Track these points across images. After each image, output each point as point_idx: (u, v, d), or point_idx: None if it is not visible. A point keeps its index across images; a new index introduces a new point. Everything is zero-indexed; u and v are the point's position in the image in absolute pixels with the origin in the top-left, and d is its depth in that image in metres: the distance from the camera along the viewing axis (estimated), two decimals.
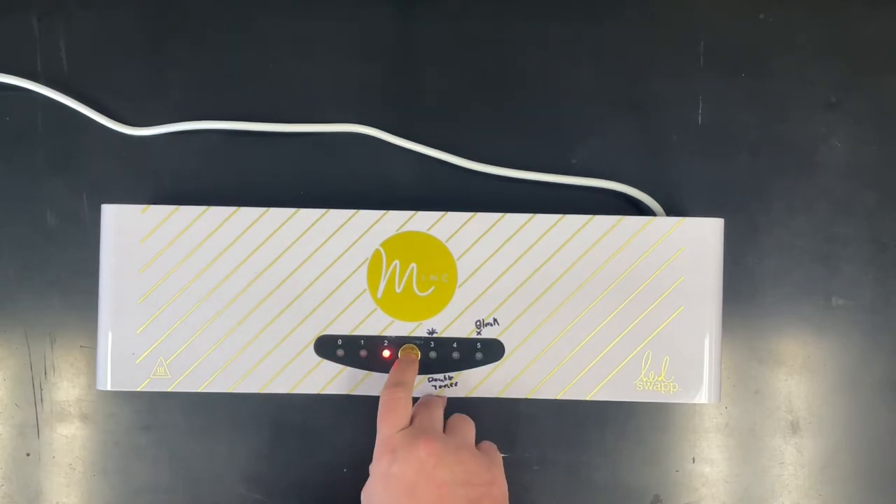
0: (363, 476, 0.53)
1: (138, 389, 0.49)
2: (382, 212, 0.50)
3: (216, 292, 0.49)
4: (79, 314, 0.54)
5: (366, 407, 0.54)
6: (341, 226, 0.50)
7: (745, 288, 0.55)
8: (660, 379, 0.50)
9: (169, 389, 0.49)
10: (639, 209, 0.55)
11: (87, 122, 0.54)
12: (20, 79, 0.54)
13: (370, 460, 0.45)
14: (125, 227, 0.49)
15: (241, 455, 0.54)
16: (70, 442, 0.54)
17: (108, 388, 0.49)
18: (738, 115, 0.55)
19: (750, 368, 0.55)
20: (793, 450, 0.55)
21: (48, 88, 0.54)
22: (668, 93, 0.55)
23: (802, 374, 0.55)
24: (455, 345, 0.50)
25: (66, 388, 0.54)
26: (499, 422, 0.54)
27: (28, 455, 0.54)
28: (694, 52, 0.56)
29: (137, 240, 0.49)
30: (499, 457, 0.46)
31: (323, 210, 0.50)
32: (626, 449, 0.55)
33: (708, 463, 0.55)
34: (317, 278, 0.50)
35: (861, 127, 0.55)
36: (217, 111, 0.55)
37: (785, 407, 0.55)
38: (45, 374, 0.54)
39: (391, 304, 0.50)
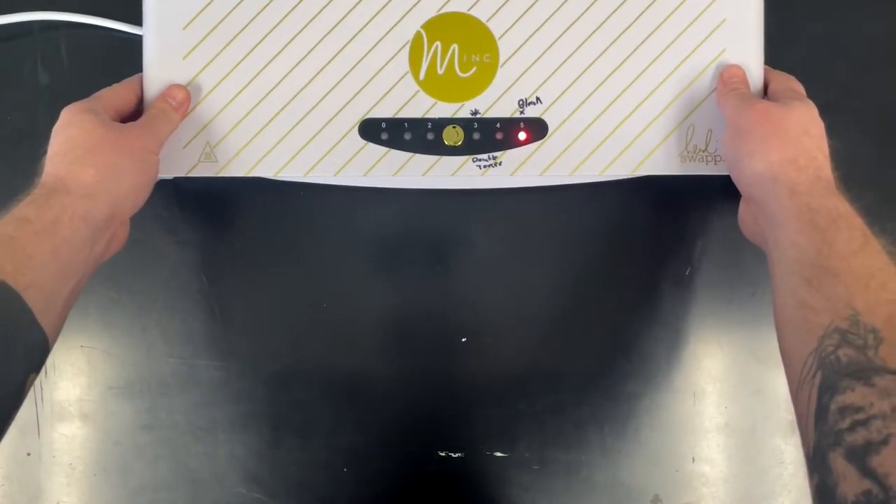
0: (363, 476, 0.53)
1: (186, 175, 0.49)
2: None
3: (261, 75, 0.49)
4: (79, 313, 0.54)
5: (366, 407, 0.54)
6: (382, 7, 0.49)
7: (745, 288, 0.55)
8: (704, 151, 0.49)
9: (216, 174, 0.49)
10: None
11: None
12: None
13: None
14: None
15: (241, 455, 0.54)
16: (70, 442, 0.54)
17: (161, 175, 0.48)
18: None
19: (750, 368, 0.55)
20: (793, 450, 0.55)
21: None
22: None
23: None
24: (498, 125, 0.49)
25: (67, 388, 0.54)
26: (499, 421, 0.54)
27: (28, 455, 0.54)
28: None
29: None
30: None
31: None
32: (626, 449, 0.55)
33: (708, 463, 0.55)
34: (359, 62, 0.49)
35: (861, 127, 0.55)
36: None
37: (785, 407, 0.55)
38: (46, 373, 0.54)
39: (433, 85, 0.49)
